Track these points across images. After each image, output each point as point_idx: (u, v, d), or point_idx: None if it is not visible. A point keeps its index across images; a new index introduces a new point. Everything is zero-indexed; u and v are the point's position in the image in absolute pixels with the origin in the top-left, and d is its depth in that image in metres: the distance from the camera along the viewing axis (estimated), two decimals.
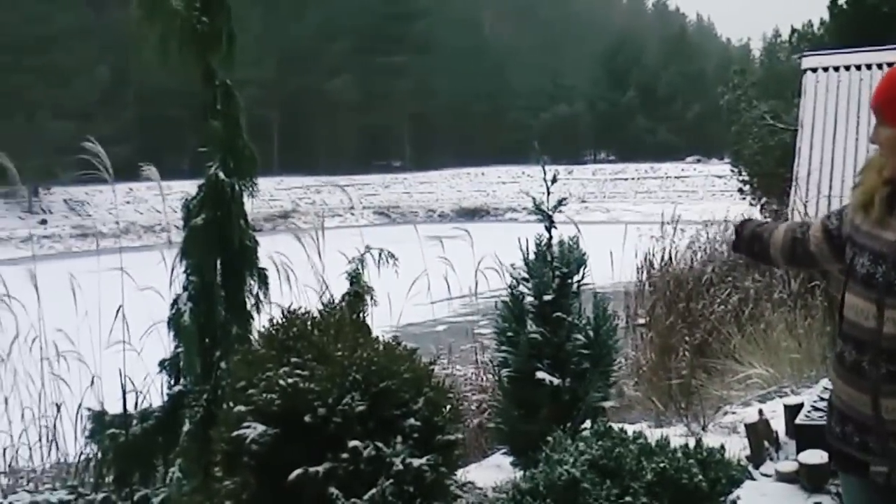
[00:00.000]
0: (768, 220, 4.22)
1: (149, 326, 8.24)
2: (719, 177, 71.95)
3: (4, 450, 9.63)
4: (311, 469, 4.19)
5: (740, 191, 34.46)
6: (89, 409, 6.40)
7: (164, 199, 6.49)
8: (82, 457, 8.46)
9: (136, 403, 7.66)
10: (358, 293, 6.41)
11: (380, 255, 6.88)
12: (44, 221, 67.01)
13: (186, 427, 5.88)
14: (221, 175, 5.94)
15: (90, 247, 51.79)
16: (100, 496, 6.01)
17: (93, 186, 65.58)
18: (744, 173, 33.91)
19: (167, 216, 8.94)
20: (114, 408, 6.19)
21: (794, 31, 36.48)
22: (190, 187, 6.14)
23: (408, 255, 8.21)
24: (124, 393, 5.47)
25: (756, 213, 28.26)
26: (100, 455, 6.23)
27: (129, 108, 79.09)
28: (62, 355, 9.79)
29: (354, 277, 6.53)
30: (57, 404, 9.59)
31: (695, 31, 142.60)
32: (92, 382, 9.58)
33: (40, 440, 9.63)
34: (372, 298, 6.48)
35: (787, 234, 4.11)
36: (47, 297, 9.99)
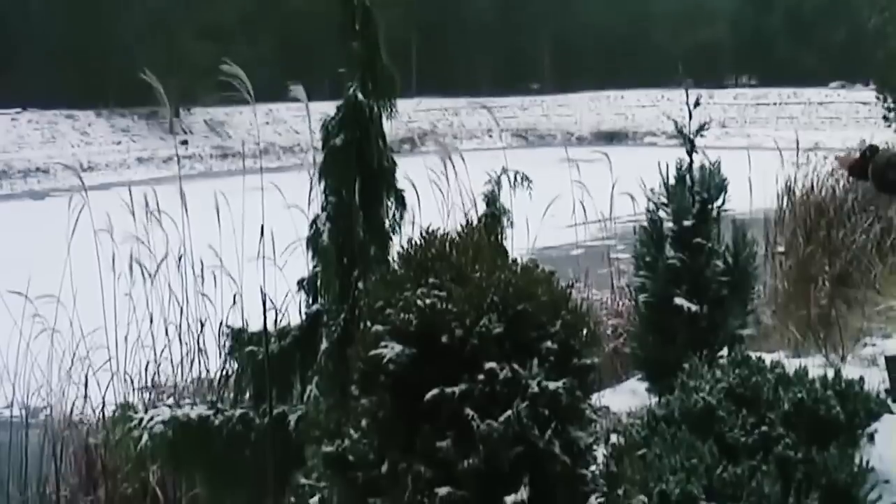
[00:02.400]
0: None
1: (289, 246, 8.36)
2: (864, 103, 70.16)
3: (147, 364, 9.88)
4: (448, 389, 4.21)
5: (885, 118, 33.66)
6: (229, 327, 6.51)
7: (309, 117, 6.52)
8: (222, 373, 8.67)
9: (276, 321, 7.80)
10: (494, 215, 6.40)
11: (515, 177, 6.84)
12: (185, 142, 68.14)
13: (324, 346, 5.96)
14: (360, 96, 5.95)
15: (230, 167, 52.66)
16: (238, 412, 6.12)
17: (233, 107, 66.44)
18: (889, 100, 33.08)
19: (304, 137, 9.02)
20: (255, 325, 6.30)
21: None
22: (329, 108, 6.17)
23: (545, 179, 8.17)
24: (264, 310, 5.55)
25: None
26: (238, 372, 6.35)
27: (270, 30, 79.70)
28: (211, 270, 10.00)
29: (490, 199, 6.52)
30: (201, 321, 9.80)
31: None
32: (234, 301, 9.77)
33: (182, 357, 9.87)
34: (508, 221, 6.46)
35: None
36: (191, 215, 10.19)
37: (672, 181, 7.84)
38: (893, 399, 7.03)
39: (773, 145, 18.11)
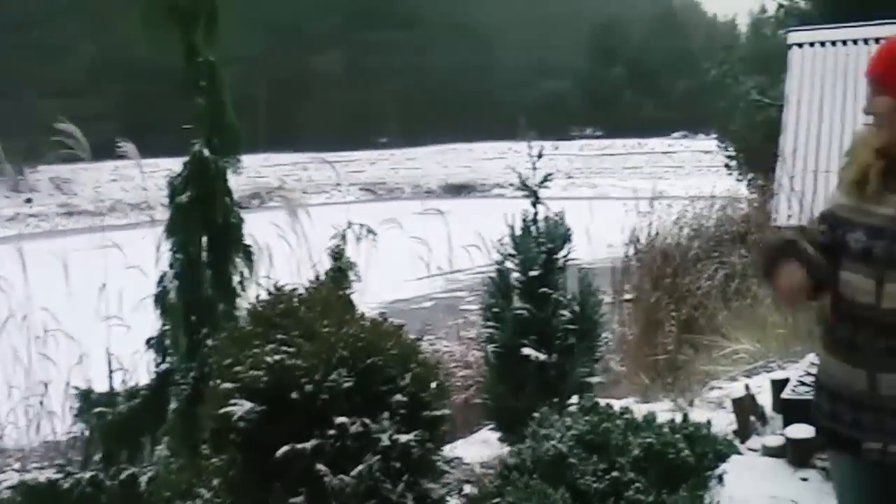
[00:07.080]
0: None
1: (136, 304, 8.24)
2: (706, 152, 71.67)
3: None
4: (299, 446, 4.20)
5: (727, 166, 34.42)
6: (76, 388, 6.39)
7: (143, 176, 6.49)
8: (70, 435, 8.47)
9: (124, 381, 7.67)
10: (341, 269, 6.41)
11: (360, 230, 6.86)
12: (29, 200, 66.67)
13: (173, 405, 5.90)
14: (206, 152, 5.93)
15: (76, 225, 51.71)
16: (87, 475, 6.01)
17: (78, 165, 65.23)
18: (730, 149, 33.88)
19: (151, 194, 8.94)
20: (102, 386, 6.20)
21: (780, 6, 36.27)
22: (175, 164, 6.13)
23: (392, 232, 8.21)
24: (111, 371, 5.47)
25: (742, 189, 28.25)
26: (87, 434, 6.23)
27: (116, 85, 78.69)
28: (51, 333, 9.78)
29: (337, 254, 6.52)
30: (44, 383, 9.59)
31: (681, 7, 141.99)
32: (79, 361, 9.58)
33: (28, 419, 9.63)
34: (356, 274, 6.47)
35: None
36: (35, 275, 9.98)
37: (518, 232, 7.93)
38: (741, 440, 7.19)
39: (619, 194, 18.45)
